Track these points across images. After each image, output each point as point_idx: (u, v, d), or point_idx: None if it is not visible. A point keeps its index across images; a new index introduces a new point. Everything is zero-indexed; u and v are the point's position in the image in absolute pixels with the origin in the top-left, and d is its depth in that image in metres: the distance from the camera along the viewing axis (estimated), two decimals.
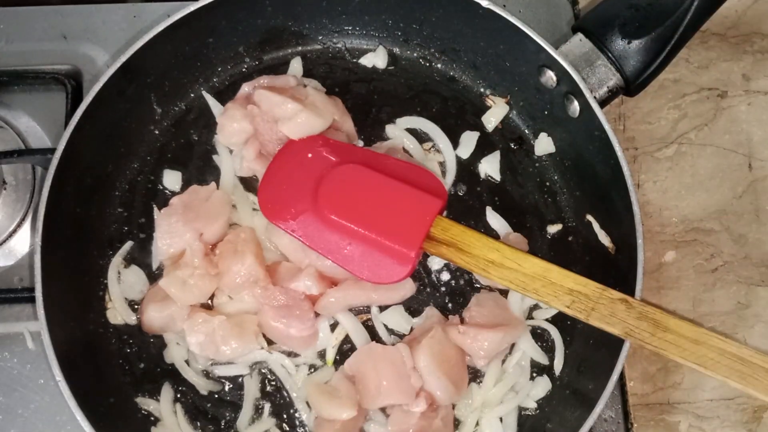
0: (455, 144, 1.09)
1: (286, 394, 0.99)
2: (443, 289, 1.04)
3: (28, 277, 1.04)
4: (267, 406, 0.99)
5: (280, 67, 1.12)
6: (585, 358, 1.00)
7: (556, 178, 1.09)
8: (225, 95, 1.09)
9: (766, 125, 1.20)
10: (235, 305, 0.99)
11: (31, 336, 1.02)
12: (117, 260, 1.02)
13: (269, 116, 1.00)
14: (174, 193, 1.05)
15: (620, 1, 1.00)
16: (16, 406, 1.00)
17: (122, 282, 1.01)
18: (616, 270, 0.98)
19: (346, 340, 1.01)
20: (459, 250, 0.85)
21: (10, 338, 1.02)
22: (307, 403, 0.98)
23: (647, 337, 0.79)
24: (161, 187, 1.06)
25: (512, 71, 1.08)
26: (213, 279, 0.97)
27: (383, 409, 0.97)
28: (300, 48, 1.13)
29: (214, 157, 1.07)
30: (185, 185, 1.06)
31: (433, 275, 1.04)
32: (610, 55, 0.99)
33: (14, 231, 1.06)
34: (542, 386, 1.01)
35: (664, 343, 0.78)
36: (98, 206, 1.03)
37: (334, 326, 1.01)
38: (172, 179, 1.06)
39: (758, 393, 0.75)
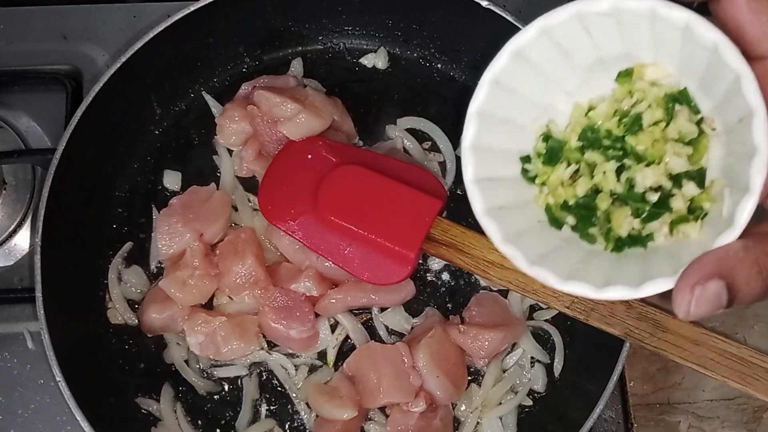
0: (455, 144, 1.09)
1: (286, 394, 0.99)
2: (443, 289, 1.04)
3: (28, 277, 1.03)
4: (267, 407, 0.99)
5: (280, 67, 1.11)
6: (585, 359, 1.00)
7: None
8: (225, 95, 1.09)
9: None
10: (236, 306, 0.99)
11: (31, 336, 1.02)
12: (117, 261, 1.02)
13: (269, 117, 0.99)
14: (174, 194, 1.05)
15: None
16: (16, 406, 1.00)
17: (122, 282, 1.01)
18: None
19: (347, 340, 1.01)
20: (459, 251, 0.84)
21: (10, 338, 1.02)
22: (307, 403, 0.98)
23: (647, 338, 0.79)
24: (161, 188, 1.06)
25: None
26: (213, 280, 0.97)
27: (383, 410, 0.97)
28: (300, 48, 1.12)
29: (214, 157, 1.07)
30: (185, 185, 1.05)
31: (433, 276, 1.04)
32: None
33: (14, 231, 1.06)
34: (540, 378, 1.01)
35: (664, 343, 0.78)
36: (98, 206, 1.03)
37: (334, 327, 1.01)
38: (172, 179, 1.06)
39: (758, 393, 0.75)
